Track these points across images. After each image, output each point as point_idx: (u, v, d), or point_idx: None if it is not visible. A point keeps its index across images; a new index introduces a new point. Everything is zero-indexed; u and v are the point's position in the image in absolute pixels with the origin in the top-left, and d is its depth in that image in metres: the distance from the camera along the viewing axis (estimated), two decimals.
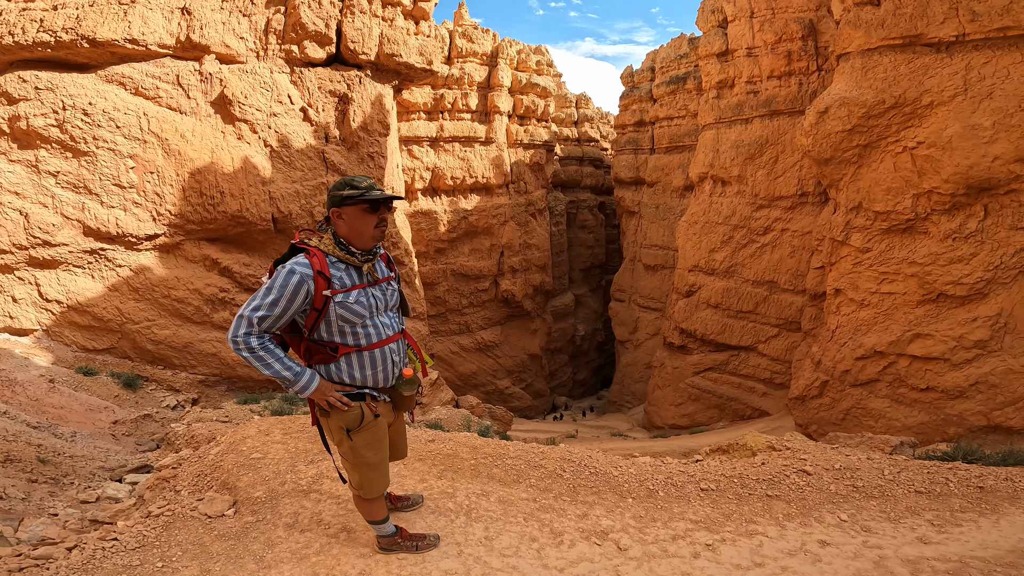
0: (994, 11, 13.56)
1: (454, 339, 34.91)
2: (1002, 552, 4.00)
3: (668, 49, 39.15)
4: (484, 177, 34.66)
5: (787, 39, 24.95)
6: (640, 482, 4.71)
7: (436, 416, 14.52)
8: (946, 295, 14.38)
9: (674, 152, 36.86)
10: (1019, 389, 12.72)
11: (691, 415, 27.94)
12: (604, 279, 48.70)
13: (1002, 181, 13.35)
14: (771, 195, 25.79)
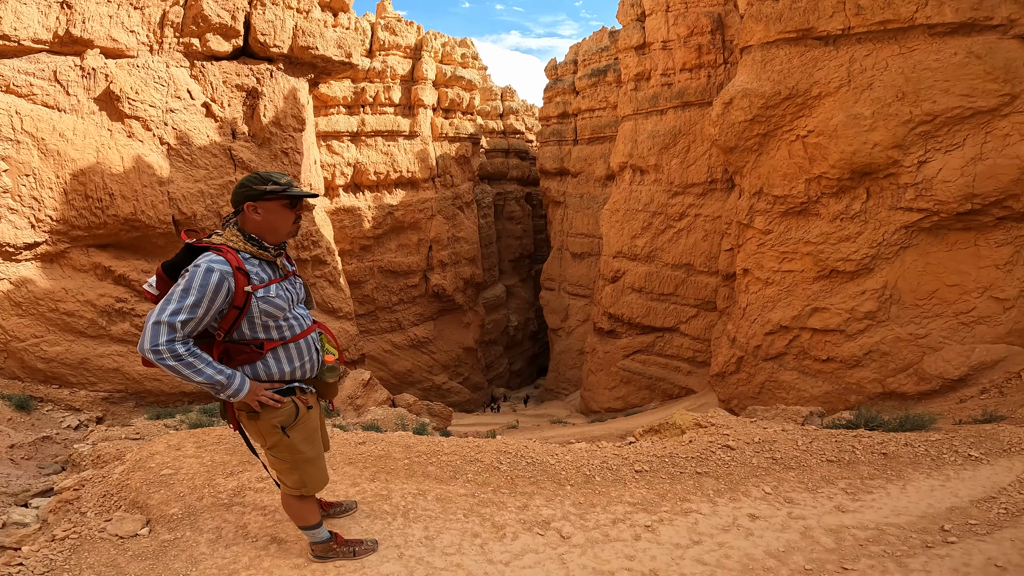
0: (876, 5, 14.47)
1: (386, 337, 34.17)
2: (914, 518, 4.45)
3: (590, 42, 40.06)
4: (409, 171, 34.00)
5: (698, 33, 26.21)
6: (577, 468, 4.85)
7: (372, 417, 14.18)
8: (838, 271, 15.69)
9: (596, 143, 37.88)
10: (907, 356, 14.19)
11: (624, 397, 29.07)
12: (534, 269, 49.43)
13: (881, 166, 14.64)
14: (685, 182, 27.18)
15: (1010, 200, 12.88)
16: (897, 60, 14.37)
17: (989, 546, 4.05)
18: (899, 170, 14.39)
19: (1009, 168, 12.75)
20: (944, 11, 13.52)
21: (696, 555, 3.75)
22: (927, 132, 13.86)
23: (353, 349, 22.86)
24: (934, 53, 13.73)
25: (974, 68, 13.14)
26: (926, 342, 13.96)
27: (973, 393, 12.21)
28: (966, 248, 13.79)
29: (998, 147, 12.98)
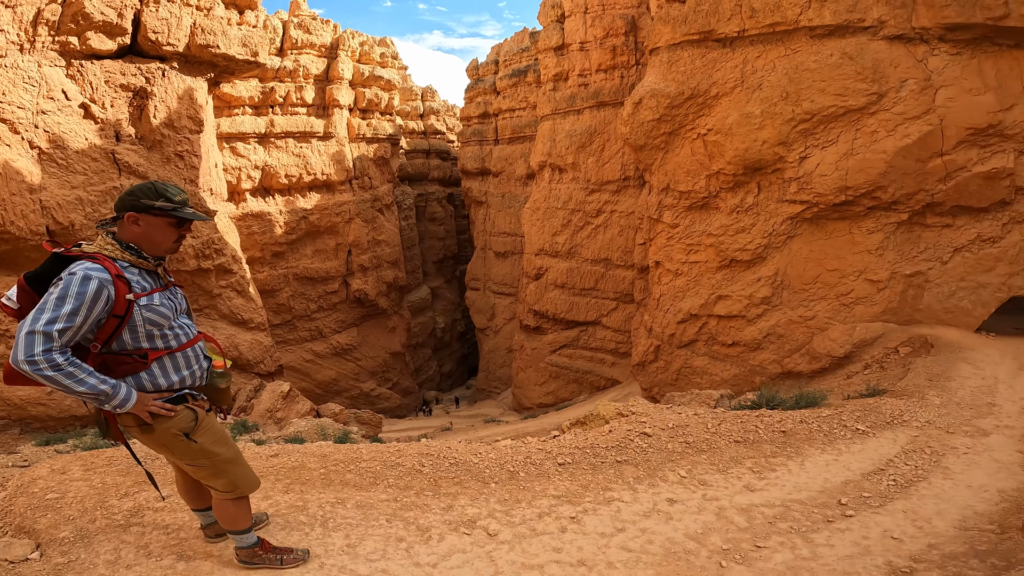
0: (768, 7, 15.43)
1: (307, 347, 32.72)
2: (813, 493, 4.88)
3: (511, 43, 40.47)
4: (324, 174, 32.71)
5: (613, 34, 27.21)
6: (500, 466, 4.92)
7: (295, 430, 13.59)
8: (736, 260, 16.91)
9: (517, 142, 38.37)
10: (800, 337, 15.58)
11: (555, 392, 29.71)
12: (458, 269, 49.26)
13: (769, 162, 15.92)
14: (600, 180, 28.21)
15: (878, 191, 14.46)
16: (783, 61, 15.58)
17: (883, 518, 4.49)
18: (784, 165, 15.70)
19: (876, 162, 14.28)
20: (824, 13, 14.75)
21: (621, 543, 3.92)
22: (807, 130, 15.22)
23: (269, 361, 21.70)
24: (814, 54, 15.03)
25: (847, 68, 14.51)
26: (814, 323, 15.41)
27: (858, 369, 13.61)
28: (843, 236, 15.33)
29: (867, 143, 14.49)
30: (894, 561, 3.78)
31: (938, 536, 4.19)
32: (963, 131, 13.63)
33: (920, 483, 5.25)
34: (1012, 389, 9.33)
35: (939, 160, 13.90)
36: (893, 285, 14.57)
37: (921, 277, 14.41)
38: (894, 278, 14.55)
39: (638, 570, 3.61)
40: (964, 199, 13.93)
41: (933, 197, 14.13)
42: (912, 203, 14.34)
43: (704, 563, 3.71)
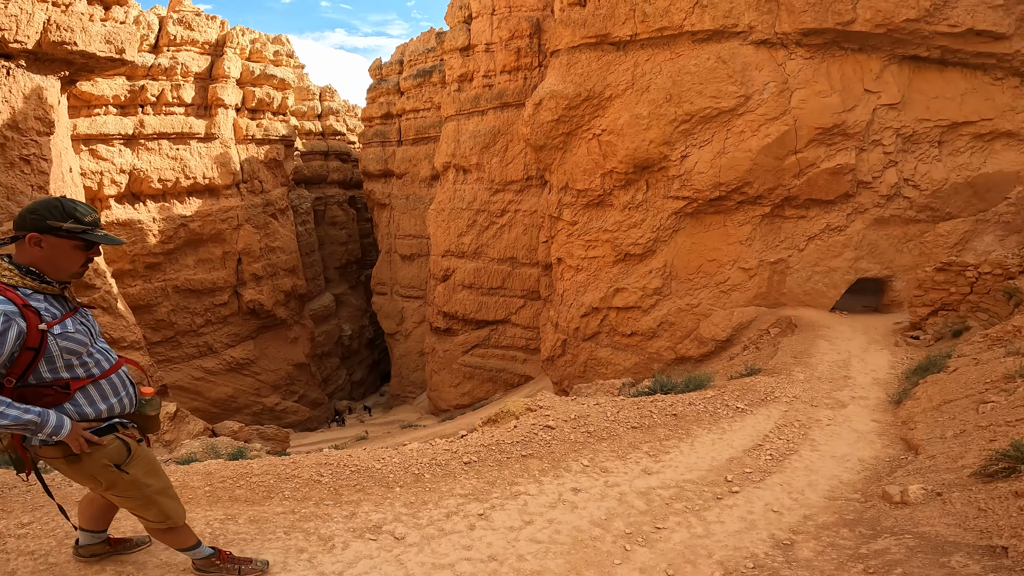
0: (658, 12, 16.35)
1: (195, 364, 30.06)
2: (703, 472, 5.25)
3: (417, 43, 39.71)
4: (206, 177, 30.16)
5: (518, 36, 27.61)
6: (405, 469, 4.88)
7: (187, 451, 12.50)
8: (630, 254, 17.98)
9: (421, 143, 37.83)
10: (688, 324, 16.90)
11: (470, 392, 29.72)
12: (363, 274, 47.65)
13: (656, 160, 17.06)
14: (504, 180, 28.65)
15: (745, 187, 16.05)
16: (668, 64, 16.68)
17: (764, 492, 4.92)
18: (668, 164, 16.91)
19: (744, 160, 15.83)
20: (704, 18, 15.99)
21: (530, 535, 4.04)
22: (687, 130, 16.50)
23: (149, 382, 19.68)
24: (694, 58, 16.25)
25: (721, 72, 15.89)
26: (699, 310, 16.79)
27: (738, 351, 15.01)
28: (719, 229, 16.85)
29: (736, 142, 16.00)
30: (776, 534, 4.17)
31: (811, 507, 4.65)
32: (813, 131, 15.49)
33: (792, 456, 5.86)
34: (863, 362, 10.71)
35: (794, 157, 15.70)
36: (761, 272, 16.26)
37: (783, 264, 16.22)
38: (762, 266, 16.24)
39: (548, 560, 3.74)
40: (815, 193, 15.86)
41: (790, 191, 15.94)
42: (773, 197, 16.08)
43: (610, 548, 3.91)
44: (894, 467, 5.57)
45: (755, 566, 3.69)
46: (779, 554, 3.85)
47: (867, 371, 10.23)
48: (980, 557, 3.26)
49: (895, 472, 5.32)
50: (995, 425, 5.52)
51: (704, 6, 15.91)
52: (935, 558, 3.36)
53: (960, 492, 4.17)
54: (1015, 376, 6.82)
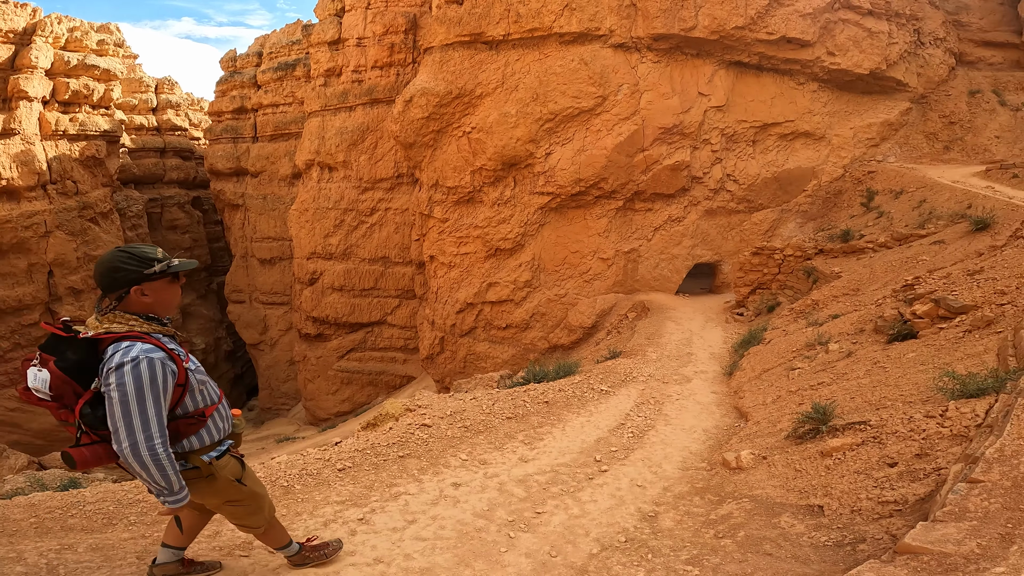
0: (530, 13, 16.84)
1: (7, 393, 25.27)
2: (575, 455, 5.55)
3: (281, 34, 36.67)
4: (3, 178, 25.30)
5: (393, 31, 26.64)
6: (272, 483, 4.63)
7: (11, 487, 10.50)
8: (501, 249, 18.52)
9: (280, 140, 35.13)
10: (558, 314, 17.88)
11: (350, 398, 28.44)
12: (214, 282, 43.09)
13: (522, 157, 17.73)
14: (374, 178, 27.75)
15: (602, 182, 17.37)
16: (536, 65, 17.34)
17: (629, 468, 5.30)
18: (534, 161, 17.70)
19: (600, 157, 17.09)
20: (572, 21, 16.83)
21: (414, 533, 4.04)
22: (551, 128, 17.39)
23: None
24: (560, 59, 17.09)
25: (583, 73, 16.91)
26: (567, 300, 17.88)
27: (602, 336, 16.24)
28: (580, 222, 18.06)
29: (593, 140, 17.21)
30: (643, 507, 4.57)
31: (668, 479, 5.14)
32: (657, 130, 17.22)
33: (650, 431, 6.46)
34: (702, 339, 12.18)
35: (641, 155, 17.34)
36: (617, 261, 17.77)
37: (635, 253, 17.88)
38: (618, 255, 17.75)
39: (436, 556, 3.78)
40: (658, 187, 17.68)
41: (638, 186, 17.59)
42: (625, 192, 17.63)
43: (495, 537, 4.05)
44: (730, 434, 6.39)
45: (627, 539, 4.05)
46: (646, 526, 4.26)
47: (705, 347, 11.57)
48: (803, 516, 3.84)
49: (731, 439, 6.11)
50: (802, 389, 6.59)
51: (572, 9, 16.78)
52: (768, 520, 3.88)
53: (780, 455, 4.90)
54: (815, 344, 8.24)
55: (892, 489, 3.66)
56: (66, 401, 2.47)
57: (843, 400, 5.55)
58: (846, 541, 3.42)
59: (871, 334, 7.80)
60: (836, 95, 18.75)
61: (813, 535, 3.59)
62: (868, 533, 3.40)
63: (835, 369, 6.98)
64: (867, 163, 18.43)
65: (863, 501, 3.69)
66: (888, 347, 6.89)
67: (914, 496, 3.48)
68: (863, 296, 10.03)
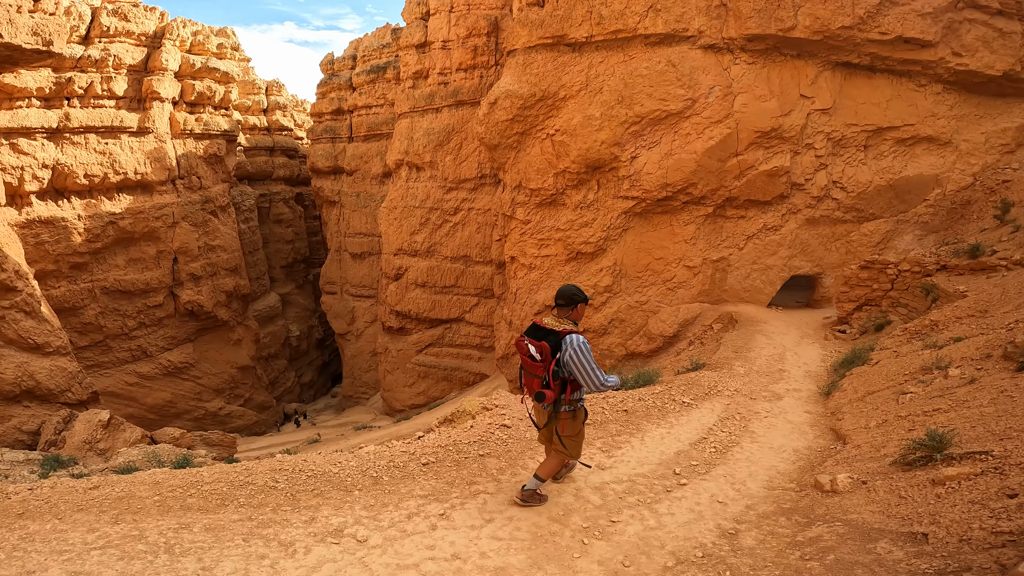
0: (613, 15, 16.52)
1: (129, 368, 28.48)
2: (653, 466, 5.45)
3: (372, 38, 38.90)
4: (138, 173, 28.52)
5: (476, 34, 27.42)
6: (363, 473, 4.86)
7: (126, 460, 11.95)
8: (582, 253, 18.31)
9: (372, 140, 37.09)
10: (638, 321, 17.42)
11: (425, 392, 29.46)
12: (311, 273, 46.26)
13: (607, 161, 17.43)
14: (458, 178, 28.55)
15: (691, 188, 16.70)
16: (621, 67, 16.97)
17: (710, 483, 5.15)
18: (619, 164, 17.33)
19: (689, 162, 16.45)
20: (657, 22, 16.33)
21: (491, 532, 4.12)
22: (637, 131, 16.95)
23: (78, 388, 18.59)
24: (646, 61, 16.62)
25: (670, 75, 16.35)
26: (648, 307, 17.36)
27: (684, 346, 15.61)
28: (665, 228, 17.46)
29: (682, 144, 16.58)
30: (722, 524, 4.41)
31: (752, 497, 4.93)
32: (753, 134, 16.29)
33: (734, 448, 6.17)
34: (796, 355, 11.39)
35: (735, 160, 16.48)
36: (704, 270, 16.99)
37: (724, 262, 17.01)
38: (705, 263, 16.98)
39: (510, 556, 3.84)
40: (753, 194, 16.71)
41: (731, 192, 16.73)
42: (715, 198, 16.82)
43: (568, 542, 4.05)
44: (824, 456, 5.97)
45: (704, 555, 3.91)
46: (725, 543, 4.09)
47: (800, 364, 10.86)
48: (903, 543, 3.55)
49: (825, 461, 5.70)
50: (913, 415, 6.01)
51: (658, 10, 16.31)
52: (863, 544, 3.63)
53: (883, 480, 4.52)
54: (931, 368, 7.46)
55: (1009, 520, 3.34)
56: (545, 364, 4.19)
57: (962, 428, 5.04)
58: (949, 569, 3.14)
59: (999, 360, 6.95)
60: (964, 98, 16.82)
61: (912, 562, 3.33)
62: (975, 563, 3.10)
63: (955, 396, 6.31)
64: (1001, 171, 16.34)
65: (974, 531, 3.38)
66: (1017, 375, 6.14)
67: None
68: (992, 319, 8.93)
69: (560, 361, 4.18)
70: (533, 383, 4.25)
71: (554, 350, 4.19)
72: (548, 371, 4.17)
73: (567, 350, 4.17)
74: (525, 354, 4.25)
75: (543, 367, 4.17)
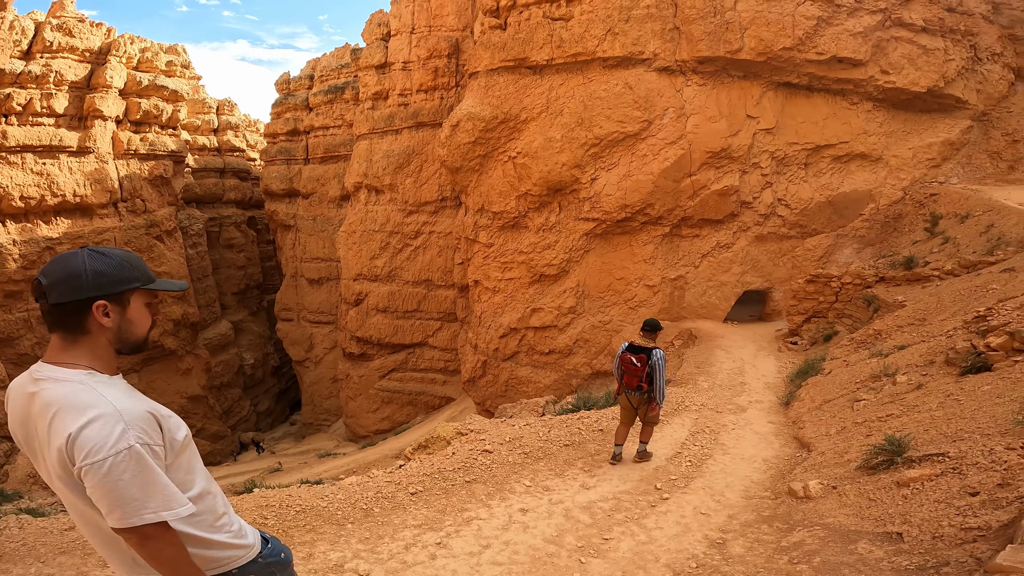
0: (573, 38, 16.91)
1: None
2: (635, 482, 5.60)
3: (330, 58, 38.43)
4: (77, 195, 27.10)
5: (437, 55, 27.53)
6: (352, 505, 4.78)
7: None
8: (545, 275, 18.51)
9: (330, 162, 36.54)
10: (602, 340, 17.74)
11: (390, 417, 28.82)
12: (265, 300, 44.76)
13: (568, 183, 17.79)
14: (418, 201, 28.49)
15: (648, 208, 17.28)
16: (580, 89, 17.41)
17: (691, 496, 5.33)
18: (579, 186, 17.74)
19: (646, 182, 17.02)
20: (615, 45, 16.83)
21: (490, 558, 4.13)
22: (596, 153, 17.42)
23: None
24: (604, 84, 17.13)
25: (627, 97, 16.91)
26: (611, 326, 17.74)
27: None
28: (626, 248, 17.96)
29: (639, 165, 17.15)
30: (710, 534, 4.57)
31: (733, 507, 5.13)
32: (705, 154, 17.07)
33: (708, 460, 6.43)
34: (755, 368, 11.89)
35: (688, 180, 17.22)
36: (664, 288, 17.55)
37: (682, 280, 17.64)
38: (664, 282, 17.55)
39: None
40: (706, 213, 17.47)
41: (686, 212, 17.43)
42: (672, 217, 17.48)
43: (567, 563, 4.10)
44: (793, 464, 6.29)
45: (698, 565, 4.05)
46: (715, 552, 4.25)
47: (759, 376, 11.32)
48: (881, 543, 3.79)
49: (794, 469, 6.01)
50: (869, 421, 6.43)
51: (616, 33, 16.90)
52: (844, 546, 3.85)
53: (851, 484, 4.81)
54: (880, 375, 7.99)
55: (975, 516, 3.62)
56: (642, 368, 6.00)
57: (916, 432, 5.45)
58: (929, 565, 3.38)
59: (942, 366, 7.53)
60: (892, 114, 18.22)
61: (894, 560, 3.56)
62: (952, 557, 3.35)
63: (904, 401, 6.79)
64: (929, 185, 17.74)
65: (945, 528, 3.65)
66: (961, 379, 6.68)
67: (998, 522, 3.44)
68: (931, 326, 9.65)
69: (651, 366, 6.01)
70: (633, 381, 6.10)
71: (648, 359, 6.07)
72: (644, 373, 5.95)
73: (656, 360, 6.07)
74: (628, 363, 6.10)
75: (641, 370, 5.98)
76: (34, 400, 1.68)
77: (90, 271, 1.71)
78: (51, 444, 1.61)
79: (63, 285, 1.68)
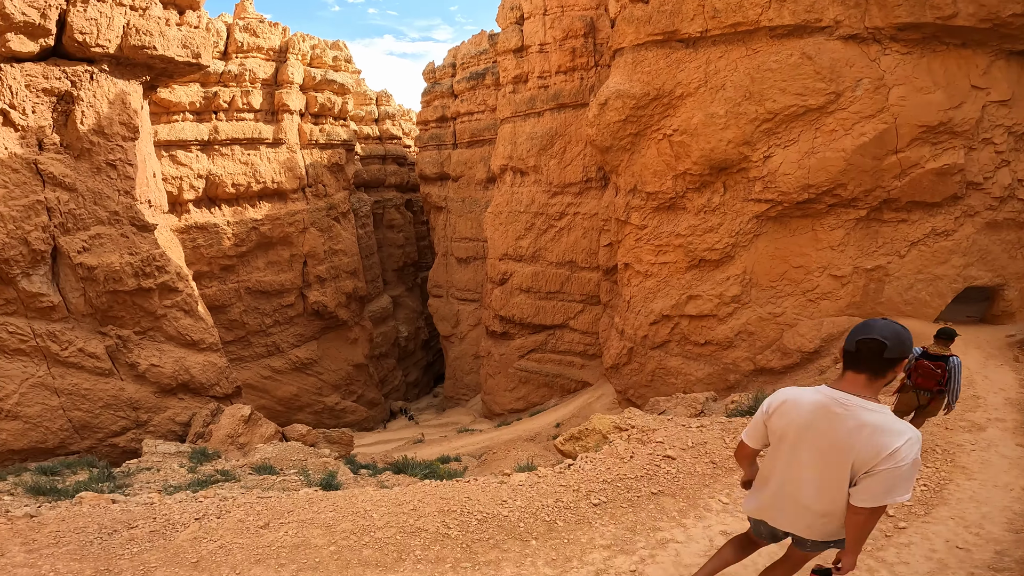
0: (730, 7, 15.33)
1: (264, 363, 31.21)
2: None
3: (469, 45, 39.93)
4: (275, 182, 31.25)
5: (572, 36, 27.01)
6: (533, 515, 4.48)
7: (262, 456, 12.75)
8: (705, 260, 16.99)
9: (476, 146, 37.87)
10: (770, 334, 15.85)
11: (525, 397, 29.39)
12: (419, 277, 48.30)
13: (734, 161, 16.04)
14: (563, 182, 28.12)
15: (838, 189, 14.87)
16: (744, 61, 15.63)
17: (938, 527, 4.43)
18: (749, 165, 15.87)
19: (836, 160, 14.66)
20: (783, 13, 14.84)
21: None
22: (769, 129, 15.43)
23: (225, 383, 20.40)
24: (774, 54, 15.16)
25: (806, 68, 14.73)
26: (783, 319, 15.73)
27: (828, 363, 13.92)
28: (806, 233, 15.70)
29: (826, 141, 14.83)
30: (975, 573, 3.73)
31: (1000, 542, 4.14)
32: (916, 129, 14.17)
33: (949, 485, 5.24)
34: (988, 380, 9.67)
35: (894, 157, 14.42)
36: (855, 280, 15.04)
37: (881, 271, 14.94)
38: (856, 273, 15.03)
39: None
40: (918, 195, 14.51)
41: (889, 193, 14.66)
42: (870, 199, 14.83)
43: None
44: None
45: None
46: None
47: (995, 390, 9.35)
48: None
49: None
50: None
51: (782, 1, 14.85)
52: None
53: None
54: None
55: None
56: (941, 373, 6.22)
57: None
58: None
59: None
60: None
61: None
62: None
63: None
64: None
65: None
66: None
67: None
68: None
69: (949, 371, 6.27)
70: (931, 383, 6.33)
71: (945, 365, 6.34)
72: (941, 378, 6.29)
73: (953, 366, 6.32)
74: (927, 368, 6.36)
75: (940, 375, 6.30)
76: (845, 419, 2.67)
77: (908, 340, 2.66)
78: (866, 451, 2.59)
79: (899, 348, 2.62)
